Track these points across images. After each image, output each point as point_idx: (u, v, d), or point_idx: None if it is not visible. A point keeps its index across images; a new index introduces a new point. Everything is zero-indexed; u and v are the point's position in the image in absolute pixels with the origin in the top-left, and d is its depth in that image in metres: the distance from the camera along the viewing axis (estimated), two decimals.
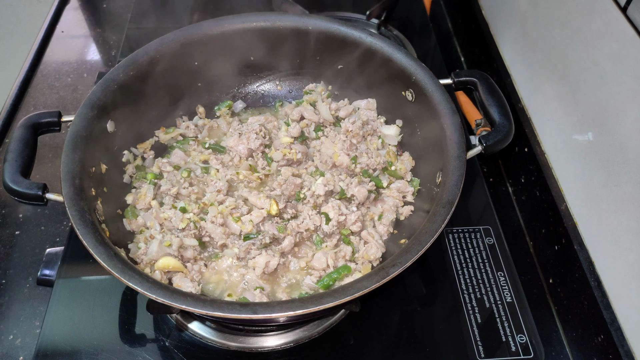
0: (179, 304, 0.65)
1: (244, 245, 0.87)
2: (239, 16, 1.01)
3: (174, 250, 0.84)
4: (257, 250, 0.87)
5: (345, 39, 1.00)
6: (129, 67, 0.92)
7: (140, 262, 0.83)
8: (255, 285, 0.85)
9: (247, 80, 1.11)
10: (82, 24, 1.56)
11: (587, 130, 0.93)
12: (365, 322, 0.90)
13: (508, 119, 0.88)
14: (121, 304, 0.90)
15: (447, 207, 0.76)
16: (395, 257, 0.71)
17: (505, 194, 1.19)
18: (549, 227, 1.02)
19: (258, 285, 0.85)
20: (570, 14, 0.98)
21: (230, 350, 0.86)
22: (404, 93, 0.97)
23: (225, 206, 0.90)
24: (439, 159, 0.87)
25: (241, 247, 0.87)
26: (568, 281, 0.95)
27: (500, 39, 1.30)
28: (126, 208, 0.91)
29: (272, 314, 0.65)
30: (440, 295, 0.95)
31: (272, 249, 0.88)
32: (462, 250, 1.00)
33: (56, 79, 1.39)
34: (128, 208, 0.91)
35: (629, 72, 0.80)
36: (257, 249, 0.87)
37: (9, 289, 1.00)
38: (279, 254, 0.87)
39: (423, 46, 1.41)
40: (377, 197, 0.96)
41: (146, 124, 1.01)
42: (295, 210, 0.91)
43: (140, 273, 0.69)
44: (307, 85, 1.11)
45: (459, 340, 0.88)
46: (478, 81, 0.93)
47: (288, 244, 0.87)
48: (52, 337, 0.86)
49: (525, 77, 1.18)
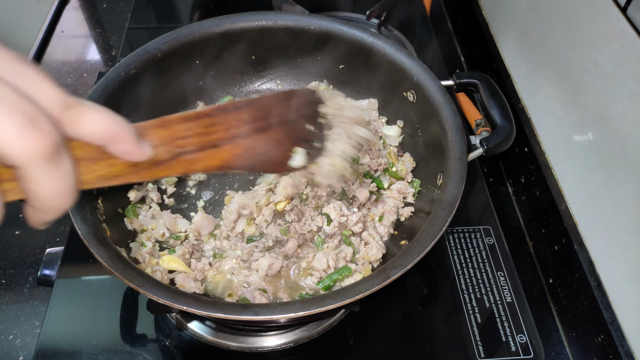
0: (180, 305, 0.65)
1: (247, 248, 0.87)
2: (240, 15, 1.01)
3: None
4: (260, 253, 0.87)
5: (346, 38, 1.00)
6: (130, 66, 0.92)
7: (142, 262, 0.83)
8: (257, 287, 0.85)
9: (248, 79, 1.11)
10: (82, 24, 1.56)
11: (587, 130, 0.93)
12: (365, 322, 0.90)
13: (509, 121, 0.88)
14: (122, 303, 0.90)
15: (448, 209, 0.76)
16: (396, 259, 0.71)
17: (505, 194, 1.19)
18: (549, 227, 1.02)
19: (261, 287, 0.85)
20: (570, 14, 0.98)
21: (230, 350, 0.86)
22: (405, 94, 0.98)
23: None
24: (439, 161, 0.87)
25: (244, 249, 0.87)
26: (568, 281, 0.95)
27: (501, 40, 1.30)
28: (127, 207, 0.91)
29: (273, 315, 0.65)
30: (441, 295, 0.95)
31: (276, 251, 0.88)
32: (462, 250, 1.00)
33: (56, 78, 1.38)
34: (129, 207, 0.91)
35: (629, 72, 0.81)
36: (260, 252, 0.87)
37: (9, 289, 1.00)
38: (282, 256, 0.87)
39: (423, 46, 1.41)
40: (378, 198, 0.96)
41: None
42: (299, 212, 0.91)
43: (142, 273, 0.69)
44: (310, 83, 1.11)
45: (459, 340, 0.88)
46: (479, 83, 0.93)
47: (292, 246, 0.87)
48: (52, 337, 0.86)
49: (525, 77, 1.18)
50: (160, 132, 0.52)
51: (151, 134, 0.50)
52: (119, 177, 0.48)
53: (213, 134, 0.58)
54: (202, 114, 0.56)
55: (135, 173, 0.49)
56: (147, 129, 0.50)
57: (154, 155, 0.50)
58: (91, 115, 0.42)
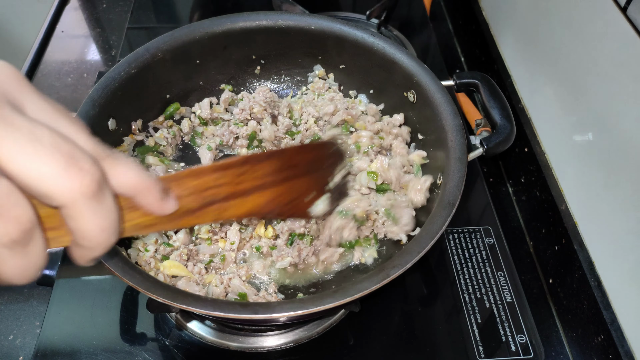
0: (179, 303, 0.65)
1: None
2: (240, 15, 1.01)
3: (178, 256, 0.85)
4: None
5: (347, 38, 1.00)
6: (130, 65, 0.92)
7: (147, 266, 0.83)
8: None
9: (247, 79, 1.11)
10: (82, 24, 1.56)
11: (587, 130, 0.93)
12: (365, 322, 0.90)
13: (510, 121, 0.88)
14: (121, 303, 0.90)
15: (447, 208, 0.76)
16: (396, 258, 0.71)
17: (505, 194, 1.19)
18: (549, 227, 1.02)
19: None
20: (570, 14, 0.98)
21: (230, 350, 0.86)
22: (405, 94, 0.97)
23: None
24: (440, 160, 0.87)
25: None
26: (568, 281, 0.95)
27: (501, 40, 1.30)
28: None
29: (272, 314, 0.65)
30: (441, 295, 0.95)
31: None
32: (462, 251, 1.00)
33: (56, 78, 1.39)
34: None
35: (629, 72, 0.81)
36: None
37: (9, 289, 1.00)
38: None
39: (423, 46, 1.41)
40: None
41: (147, 122, 1.01)
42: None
43: (141, 272, 0.69)
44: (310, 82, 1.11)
45: (459, 340, 0.88)
46: (480, 83, 0.93)
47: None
48: (52, 337, 0.86)
49: (525, 77, 1.18)
50: (191, 182, 0.53)
51: (182, 184, 0.52)
52: (153, 225, 0.50)
53: (242, 184, 0.59)
54: (231, 163, 0.57)
55: (169, 222, 0.51)
56: (177, 180, 0.51)
57: (185, 204, 0.51)
58: (122, 170, 0.42)
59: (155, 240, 0.86)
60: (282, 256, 0.86)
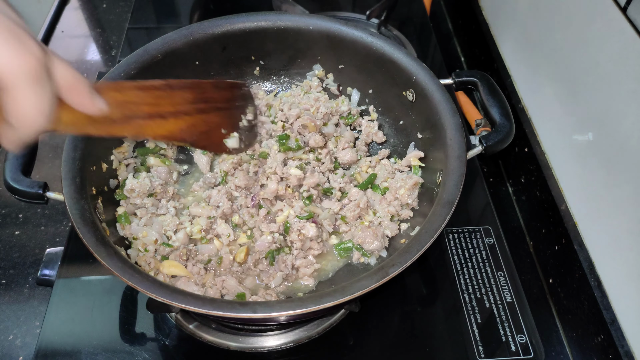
0: (178, 302, 0.65)
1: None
2: (240, 16, 1.01)
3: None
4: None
5: (346, 38, 1.00)
6: (130, 66, 0.92)
7: (147, 267, 0.83)
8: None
9: (247, 79, 1.11)
10: (82, 24, 1.56)
11: (587, 130, 0.93)
12: (365, 322, 0.90)
13: (509, 119, 0.88)
14: (121, 303, 0.90)
15: (447, 207, 0.76)
16: (395, 257, 0.71)
17: (505, 194, 1.19)
18: (549, 227, 1.02)
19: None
20: (570, 14, 0.98)
21: (230, 350, 0.86)
22: (404, 93, 0.97)
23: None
24: (439, 159, 0.87)
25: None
26: (568, 281, 0.95)
27: (501, 40, 1.30)
28: (119, 213, 0.88)
29: (271, 313, 0.65)
30: (440, 295, 0.95)
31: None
32: (462, 250, 1.00)
33: None
34: (122, 213, 0.87)
35: (629, 72, 0.81)
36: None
37: (9, 289, 1.00)
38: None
39: (423, 46, 1.41)
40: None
41: None
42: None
43: (140, 272, 0.69)
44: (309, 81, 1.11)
45: (459, 340, 0.88)
46: (479, 81, 0.93)
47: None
48: (52, 337, 0.86)
49: (525, 77, 1.18)
50: (115, 94, 0.61)
51: (106, 94, 0.58)
52: (80, 124, 0.56)
53: (160, 106, 0.69)
54: (151, 86, 0.67)
55: (92, 125, 0.57)
56: (103, 89, 0.58)
57: (108, 113, 0.58)
58: (61, 65, 0.48)
59: (155, 240, 0.86)
60: (272, 275, 0.86)
